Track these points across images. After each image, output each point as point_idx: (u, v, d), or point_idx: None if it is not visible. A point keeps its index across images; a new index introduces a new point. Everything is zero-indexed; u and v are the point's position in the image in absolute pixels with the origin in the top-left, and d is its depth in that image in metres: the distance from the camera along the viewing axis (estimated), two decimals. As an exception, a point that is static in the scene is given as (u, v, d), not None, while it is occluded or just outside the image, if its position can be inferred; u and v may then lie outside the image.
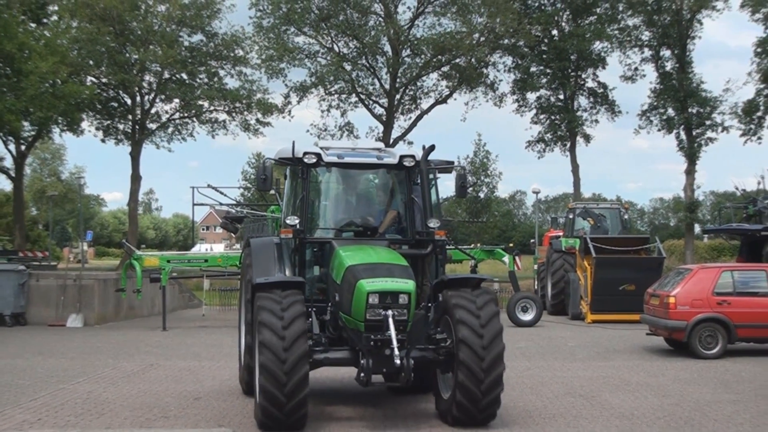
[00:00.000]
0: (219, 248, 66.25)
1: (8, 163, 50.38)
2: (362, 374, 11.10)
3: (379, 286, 11.06)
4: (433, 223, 12.49)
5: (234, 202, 34.08)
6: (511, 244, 32.16)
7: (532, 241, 49.16)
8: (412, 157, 12.73)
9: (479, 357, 11.08)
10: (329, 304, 12.09)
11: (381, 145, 13.72)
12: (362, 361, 11.12)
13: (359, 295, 11.10)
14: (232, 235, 43.76)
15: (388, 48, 49.61)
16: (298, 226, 12.22)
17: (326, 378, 15.39)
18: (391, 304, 11.08)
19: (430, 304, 12.11)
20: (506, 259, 29.52)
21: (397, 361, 10.80)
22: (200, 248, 61.64)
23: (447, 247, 29.08)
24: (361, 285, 11.09)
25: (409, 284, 11.20)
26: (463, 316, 11.21)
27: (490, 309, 11.40)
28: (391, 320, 10.99)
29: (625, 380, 15.90)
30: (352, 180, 13.25)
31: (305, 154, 12.43)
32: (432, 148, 13.11)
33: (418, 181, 12.93)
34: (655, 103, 53.24)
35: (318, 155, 12.48)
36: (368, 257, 11.61)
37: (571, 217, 34.02)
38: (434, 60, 49.84)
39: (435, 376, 12.10)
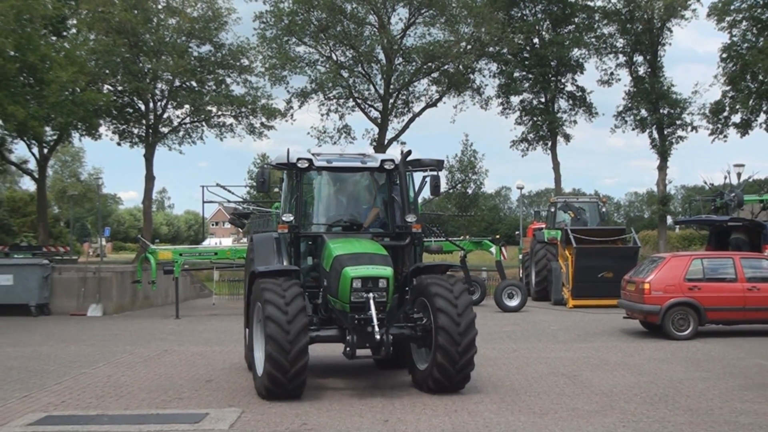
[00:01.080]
0: (227, 242, 66.13)
1: (32, 165, 50.37)
2: (347, 348, 12.00)
3: (361, 272, 11.99)
4: (410, 218, 13.34)
5: (241, 200, 34.00)
6: (497, 236, 32.07)
7: (516, 232, 49.15)
8: (392, 160, 13.56)
9: (456, 342, 11.89)
10: (320, 290, 12.79)
11: (366, 150, 14.50)
12: (348, 338, 12.02)
13: (345, 281, 12.00)
14: (240, 230, 43.74)
15: (382, 56, 49.57)
16: (293, 223, 13.06)
17: (319, 354, 15.42)
18: (372, 287, 12.01)
19: (407, 288, 12.88)
20: (493, 249, 29.57)
21: (377, 337, 11.74)
22: (210, 242, 61.50)
23: (439, 239, 29.30)
24: (346, 272, 12.00)
25: (387, 270, 12.10)
26: (442, 305, 11.96)
27: (466, 298, 12.20)
28: (372, 302, 11.93)
29: (604, 360, 15.90)
30: (340, 182, 14.11)
31: (298, 159, 13.33)
32: (408, 152, 14.14)
33: (398, 181, 13.75)
34: (630, 105, 53.30)
35: (310, 160, 13.36)
36: (353, 248, 12.44)
37: (552, 210, 34.01)
38: (425, 67, 49.82)
39: (410, 350, 12.87)
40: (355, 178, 14.10)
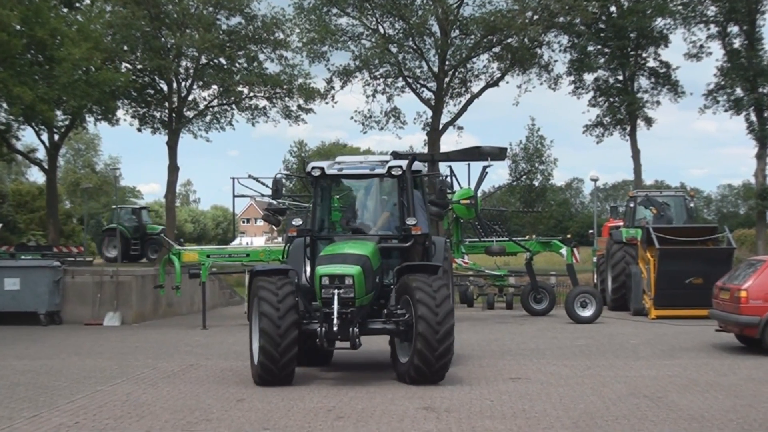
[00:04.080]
0: (260, 242, 66.52)
1: (41, 154, 50.93)
2: (317, 339, 14.87)
3: (328, 270, 15.04)
4: (410, 221, 16.00)
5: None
6: (568, 236, 31.89)
7: (590, 231, 48.79)
8: (399, 167, 16.33)
9: (434, 330, 14.49)
10: None
11: (386, 157, 17.93)
12: (318, 329, 14.83)
13: (316, 278, 15.17)
14: (274, 227, 43.96)
15: (436, 28, 49.47)
16: (302, 227, 16.15)
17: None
18: (338, 284, 14.91)
19: (392, 286, 15.74)
20: (563, 251, 29.40)
21: (335, 328, 14.68)
22: (241, 242, 61.93)
23: (501, 239, 29.27)
24: (317, 270, 15.22)
25: (353, 269, 14.94)
26: (421, 297, 14.66)
27: (444, 292, 14.89)
28: (336, 297, 14.84)
29: (693, 380, 15.75)
30: (352, 188, 17.78)
31: (312, 168, 16.49)
32: (413, 158, 16.99)
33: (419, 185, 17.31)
34: (723, 83, 52.68)
35: (322, 169, 16.44)
36: (340, 249, 15.60)
37: (632, 205, 33.73)
38: (485, 40, 49.64)
39: (393, 345, 15.74)
40: (365, 184, 17.19)
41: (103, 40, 43.05)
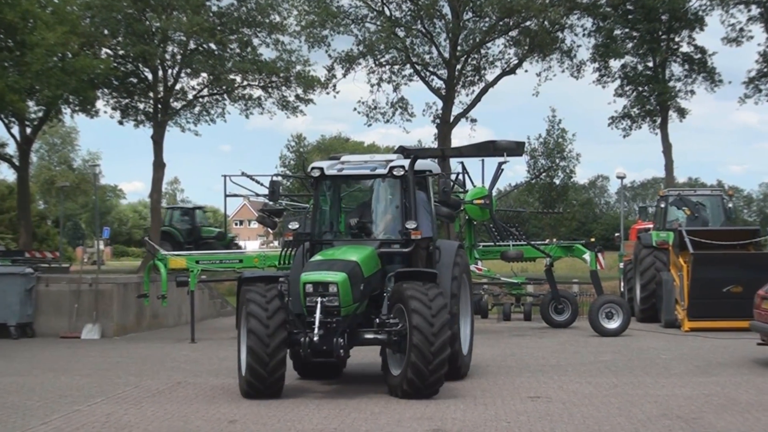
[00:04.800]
0: (254, 246, 66.60)
1: (11, 149, 51.03)
2: (300, 350, 15.41)
3: (311, 277, 15.47)
4: (410, 225, 16.46)
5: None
6: (592, 239, 31.91)
7: (617, 235, 48.75)
8: (402, 167, 16.83)
9: (430, 342, 14.84)
10: None
11: (393, 156, 18.28)
12: (301, 339, 15.32)
13: (300, 286, 15.56)
14: (270, 230, 43.96)
15: (447, 10, 49.62)
16: (299, 230, 16.96)
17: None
18: (322, 292, 15.32)
19: (384, 294, 16.34)
20: (587, 256, 29.36)
21: (315, 339, 15.06)
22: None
23: (519, 243, 29.32)
24: (301, 278, 15.63)
25: (338, 276, 15.30)
26: (416, 306, 15.01)
27: (440, 301, 15.27)
28: (318, 306, 15.23)
29: (732, 399, 15.71)
30: (356, 190, 18.69)
31: (312, 168, 17.19)
32: (416, 157, 17.50)
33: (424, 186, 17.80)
34: (765, 70, 52.59)
35: (321, 169, 17.05)
36: (331, 255, 16.13)
37: (662, 206, 33.69)
38: (501, 23, 49.74)
39: (384, 356, 16.04)
40: (367, 185, 18.02)
41: (80, 23, 43.15)
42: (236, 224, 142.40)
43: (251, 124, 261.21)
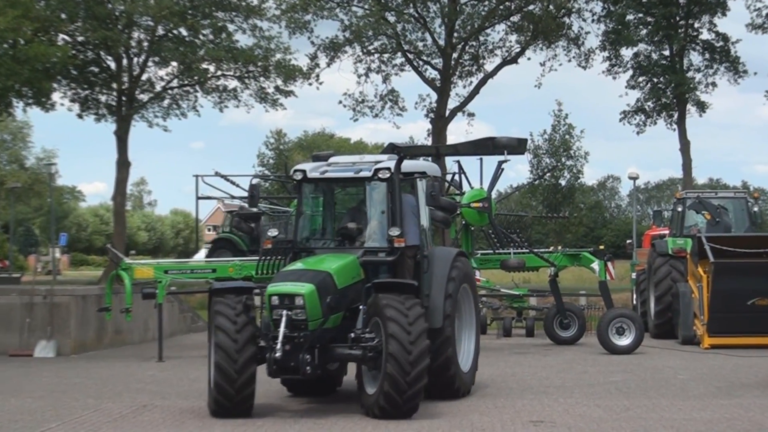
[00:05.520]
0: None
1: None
2: (266, 366, 15.88)
3: (276, 289, 15.99)
4: (393, 231, 16.93)
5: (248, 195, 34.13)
6: (601, 247, 31.92)
7: (628, 242, 48.87)
8: (387, 169, 17.26)
9: (407, 351, 15.24)
10: None
11: (385, 157, 18.42)
12: (267, 355, 15.81)
13: (266, 297, 16.11)
14: (247, 236, 43.95)
15: (442, -8, 49.59)
16: (278, 238, 17.80)
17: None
18: (288, 305, 15.79)
19: (360, 306, 16.64)
20: (595, 265, 29.33)
21: (276, 355, 15.50)
22: (206, 254, 61.90)
23: (520, 251, 29.35)
24: (267, 289, 16.14)
25: (304, 287, 15.78)
26: (392, 315, 15.46)
27: (417, 310, 15.76)
28: (283, 319, 15.69)
29: (757, 423, 15.75)
30: (338, 193, 18.96)
31: (294, 171, 17.79)
32: (401, 158, 17.84)
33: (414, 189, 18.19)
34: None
35: (304, 172, 17.70)
36: (305, 265, 16.74)
37: (680, 210, 33.72)
38: (501, 7, 49.89)
39: (360, 374, 16.29)
40: (352, 189, 18.77)
41: (34, 7, 43.01)
42: (209, 229, 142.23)
43: (226, 119, 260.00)
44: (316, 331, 15.95)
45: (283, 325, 15.63)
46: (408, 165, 18.35)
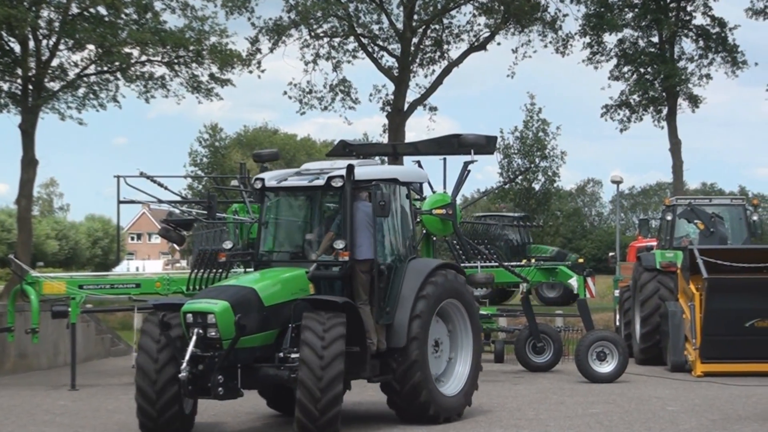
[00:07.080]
0: (156, 266, 66.42)
1: None
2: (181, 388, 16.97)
3: (189, 307, 17.18)
4: (338, 244, 18.12)
5: (179, 199, 34.04)
6: (580, 260, 32.10)
7: (611, 254, 49.19)
8: (341, 177, 18.42)
9: (317, 377, 16.51)
10: None
11: (356, 163, 19.21)
12: (180, 376, 16.78)
13: (181, 315, 17.21)
14: (176, 246, 43.80)
15: (401, -31, 49.74)
16: (233, 251, 19.72)
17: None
18: (201, 323, 16.91)
19: (291, 324, 17.79)
20: (573, 281, 29.49)
21: (182, 375, 16.63)
22: (128, 267, 61.86)
23: (488, 264, 29.44)
24: (183, 307, 17.23)
25: (216, 305, 16.95)
26: (307, 337, 16.79)
27: (336, 331, 16.85)
28: (193, 338, 16.84)
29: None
30: (296, 203, 20.24)
31: (255, 179, 19.22)
32: (352, 165, 18.80)
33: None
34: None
35: (263, 180, 19.05)
36: (236, 280, 18.54)
37: (669, 218, 33.95)
38: (468, -14, 49.94)
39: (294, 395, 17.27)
40: (309, 198, 19.86)
41: None
42: (132, 238, 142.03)
43: (153, 111, 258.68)
44: (232, 351, 17.01)
45: (192, 344, 16.81)
46: (366, 172, 19.15)
